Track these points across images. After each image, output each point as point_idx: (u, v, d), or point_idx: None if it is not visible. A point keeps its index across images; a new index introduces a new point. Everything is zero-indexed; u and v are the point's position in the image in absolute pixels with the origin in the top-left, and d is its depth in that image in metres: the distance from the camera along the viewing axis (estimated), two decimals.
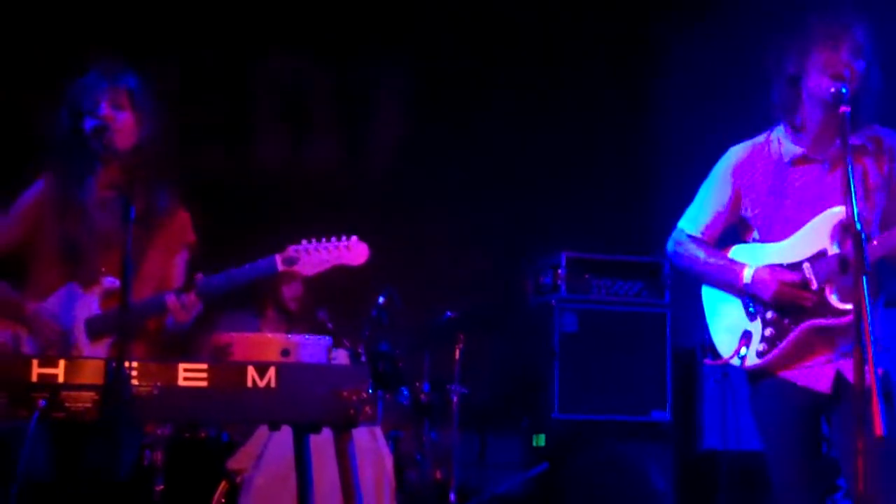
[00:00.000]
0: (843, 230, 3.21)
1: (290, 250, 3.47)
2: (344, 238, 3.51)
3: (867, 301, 2.71)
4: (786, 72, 3.33)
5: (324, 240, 3.49)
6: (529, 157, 6.98)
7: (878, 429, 2.60)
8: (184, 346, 3.76)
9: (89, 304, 3.48)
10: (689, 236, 3.56)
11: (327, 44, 6.69)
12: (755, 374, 3.40)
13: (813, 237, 3.30)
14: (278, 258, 3.46)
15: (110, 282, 3.49)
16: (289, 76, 6.74)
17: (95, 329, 3.46)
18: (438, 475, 5.37)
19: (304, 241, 3.48)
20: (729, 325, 3.43)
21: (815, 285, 3.26)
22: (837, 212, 3.25)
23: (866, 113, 3.25)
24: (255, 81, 6.69)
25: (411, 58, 6.83)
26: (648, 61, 7.34)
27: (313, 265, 3.47)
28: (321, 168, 6.73)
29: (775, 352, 3.30)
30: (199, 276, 3.45)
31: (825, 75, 3.22)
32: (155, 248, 3.58)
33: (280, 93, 6.72)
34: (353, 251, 3.50)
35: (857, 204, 3.04)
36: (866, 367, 2.65)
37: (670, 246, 3.62)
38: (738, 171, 3.48)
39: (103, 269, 3.50)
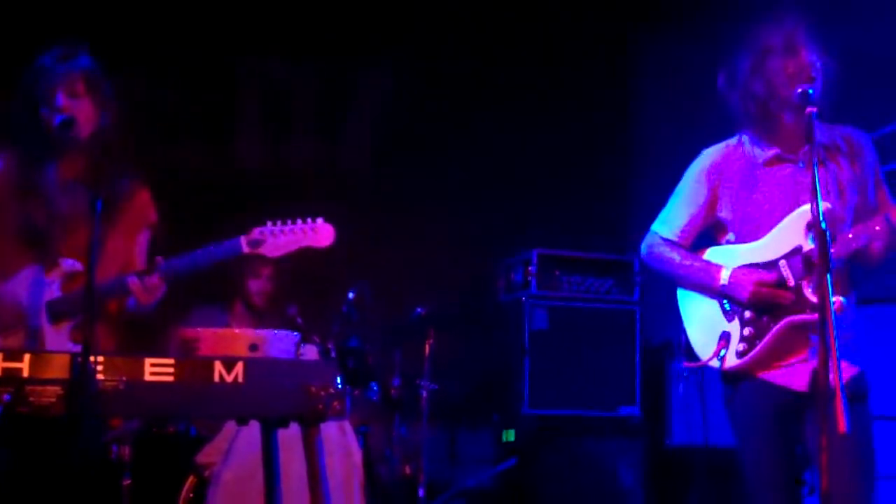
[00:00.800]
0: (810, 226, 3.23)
1: (255, 232, 3.43)
2: (310, 220, 3.47)
3: (831, 299, 2.73)
4: (751, 90, 3.35)
5: (289, 222, 3.46)
6: (502, 155, 6.99)
7: (842, 426, 2.62)
8: (150, 340, 3.74)
9: (51, 287, 3.44)
10: (664, 239, 3.55)
11: (312, 42, 6.69)
12: (733, 376, 3.38)
13: (787, 234, 3.32)
14: (243, 240, 3.43)
15: (70, 264, 3.45)
16: (280, 75, 6.74)
17: (57, 311, 3.43)
18: (408, 470, 5.38)
19: (268, 223, 3.45)
20: (706, 327, 3.42)
21: (791, 282, 3.28)
22: (809, 208, 3.25)
23: (830, 105, 3.26)
24: (248, 80, 6.68)
25: (392, 57, 6.83)
26: (624, 62, 7.37)
27: (278, 247, 3.44)
28: (297, 164, 6.73)
29: (755, 351, 3.30)
30: (160, 259, 3.41)
31: (794, 83, 3.23)
32: (117, 230, 3.54)
33: (270, 91, 6.71)
34: (319, 233, 3.46)
35: (831, 201, 3.06)
36: (830, 364, 2.67)
37: (644, 249, 3.61)
38: (713, 173, 3.48)
39: (63, 253, 3.46)
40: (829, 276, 2.74)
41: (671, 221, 3.56)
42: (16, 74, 3.54)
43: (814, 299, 3.20)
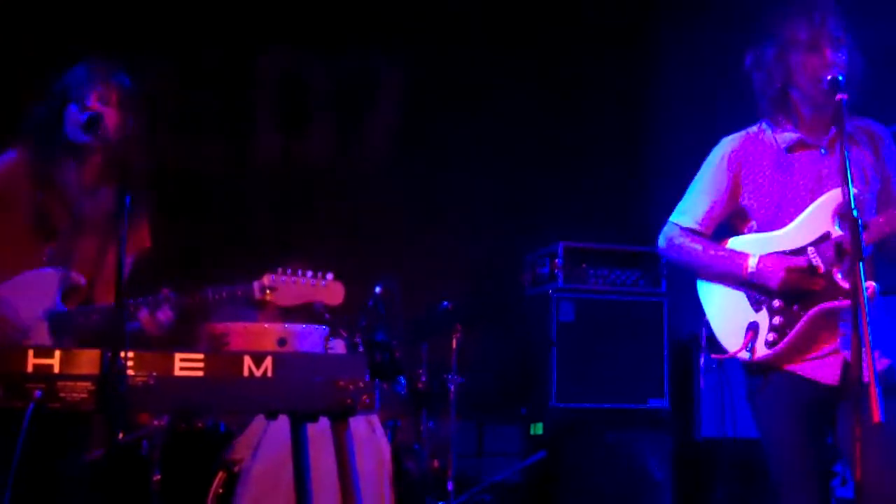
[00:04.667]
0: (841, 215, 3.21)
1: (268, 279, 3.50)
2: (320, 274, 3.53)
3: (864, 287, 2.70)
4: (773, 77, 3.34)
5: (300, 272, 3.52)
6: (527, 147, 6.97)
7: (876, 415, 2.59)
8: (180, 336, 3.76)
9: (52, 298, 3.47)
10: (684, 229, 3.50)
11: (329, 36, 6.69)
12: (760, 367, 3.33)
13: (815, 221, 3.28)
14: (256, 285, 3.50)
15: (75, 277, 3.49)
16: (290, 67, 6.75)
17: (58, 327, 3.45)
18: (436, 464, 5.38)
19: (279, 270, 3.50)
20: (732, 318, 3.37)
21: (822, 269, 3.23)
22: (836, 194, 3.24)
23: (853, 98, 3.22)
24: (265, 74, 6.70)
25: (411, 49, 6.82)
26: (645, 51, 7.34)
27: (289, 298, 3.50)
28: (319, 159, 6.73)
29: (786, 340, 3.25)
30: (167, 292, 3.46)
31: (815, 80, 3.23)
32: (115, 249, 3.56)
33: (290, 85, 6.72)
34: (330, 290, 3.54)
35: (856, 187, 3.03)
36: (864, 353, 2.64)
37: (662, 241, 3.55)
38: (734, 160, 3.45)
39: (75, 259, 3.49)
40: (861, 263, 2.72)
41: (691, 211, 3.51)
42: (37, 75, 3.59)
43: (845, 285, 3.17)
